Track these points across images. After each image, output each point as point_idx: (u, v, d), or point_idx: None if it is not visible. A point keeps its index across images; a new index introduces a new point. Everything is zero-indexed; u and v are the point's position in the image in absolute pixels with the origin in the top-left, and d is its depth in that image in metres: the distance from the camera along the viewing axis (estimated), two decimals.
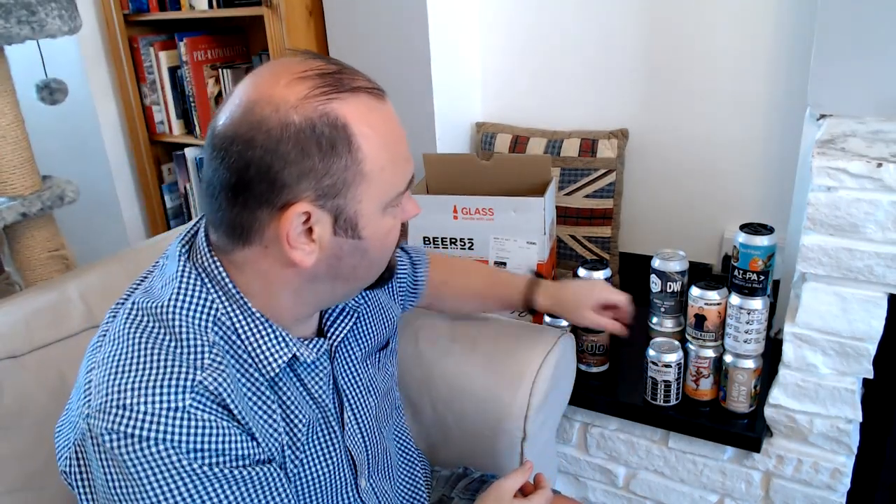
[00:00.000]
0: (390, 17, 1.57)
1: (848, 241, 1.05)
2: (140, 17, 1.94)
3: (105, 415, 0.60)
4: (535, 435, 1.09)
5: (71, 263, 1.40)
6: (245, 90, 0.63)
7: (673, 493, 1.38)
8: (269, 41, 1.69)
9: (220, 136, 0.62)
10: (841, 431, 1.18)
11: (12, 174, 1.29)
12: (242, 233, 0.64)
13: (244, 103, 0.62)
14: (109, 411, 0.60)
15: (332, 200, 0.63)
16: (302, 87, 0.61)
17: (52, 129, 2.05)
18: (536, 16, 1.65)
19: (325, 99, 0.61)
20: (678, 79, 1.54)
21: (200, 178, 0.65)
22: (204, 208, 0.68)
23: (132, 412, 0.59)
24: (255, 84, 0.63)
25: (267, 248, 0.65)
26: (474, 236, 1.37)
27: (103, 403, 0.60)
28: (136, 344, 0.64)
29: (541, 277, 1.13)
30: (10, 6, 1.15)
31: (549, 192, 1.34)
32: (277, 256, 0.65)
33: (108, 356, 0.64)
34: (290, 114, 0.60)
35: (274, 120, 0.60)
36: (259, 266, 0.66)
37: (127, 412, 0.59)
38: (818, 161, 1.03)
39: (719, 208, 1.59)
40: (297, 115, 0.60)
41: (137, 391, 0.60)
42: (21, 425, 0.96)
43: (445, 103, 1.65)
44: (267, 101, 0.61)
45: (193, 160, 2.05)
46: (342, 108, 0.62)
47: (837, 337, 1.11)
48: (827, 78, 1.20)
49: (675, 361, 1.23)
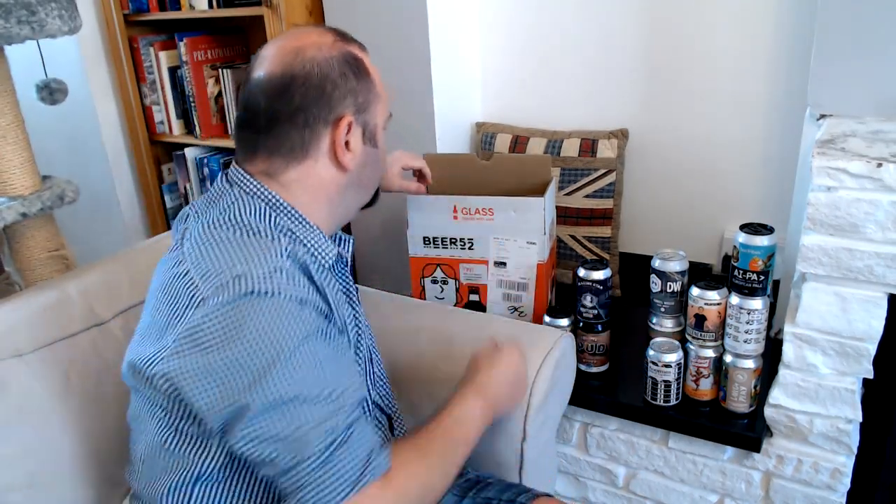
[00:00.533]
0: (390, 17, 1.57)
1: (848, 241, 1.05)
2: (140, 17, 1.94)
3: (224, 287, 0.71)
4: (535, 434, 1.09)
5: (71, 263, 1.40)
6: (283, 45, 0.81)
7: (673, 493, 1.38)
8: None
9: (277, 78, 0.79)
10: (841, 431, 1.18)
11: (12, 174, 1.29)
12: (302, 150, 0.81)
13: (291, 51, 0.80)
14: (228, 283, 0.71)
15: (363, 115, 0.84)
16: (328, 36, 0.83)
17: (52, 129, 2.05)
18: (536, 16, 1.66)
19: (344, 43, 0.83)
20: (678, 79, 1.54)
21: (243, 125, 0.84)
22: (247, 149, 0.83)
23: (247, 277, 0.71)
24: (291, 39, 0.82)
25: (317, 161, 0.82)
26: (474, 236, 1.37)
27: (220, 281, 0.72)
28: (225, 240, 0.76)
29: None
30: (10, 6, 1.15)
31: (549, 191, 1.34)
32: (324, 167, 0.83)
33: (199, 256, 0.76)
34: (331, 50, 0.81)
35: (321, 56, 0.80)
36: (306, 181, 0.83)
37: (243, 279, 0.71)
38: (818, 161, 1.03)
39: (719, 208, 1.59)
40: (335, 51, 0.81)
41: (245, 263, 0.73)
42: (26, 423, 0.96)
43: (445, 103, 1.65)
44: (310, 45, 0.80)
45: (193, 160, 2.05)
46: (356, 49, 0.85)
47: (837, 337, 1.11)
48: (827, 78, 1.20)
49: (675, 361, 1.23)
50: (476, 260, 1.39)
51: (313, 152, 0.82)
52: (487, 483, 1.01)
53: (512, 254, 1.36)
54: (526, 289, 1.38)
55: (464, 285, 1.42)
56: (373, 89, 0.85)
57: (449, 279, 1.42)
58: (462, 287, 1.43)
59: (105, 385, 1.06)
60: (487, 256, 1.38)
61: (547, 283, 1.40)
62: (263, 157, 0.82)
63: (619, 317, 1.51)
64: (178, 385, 0.72)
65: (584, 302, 1.33)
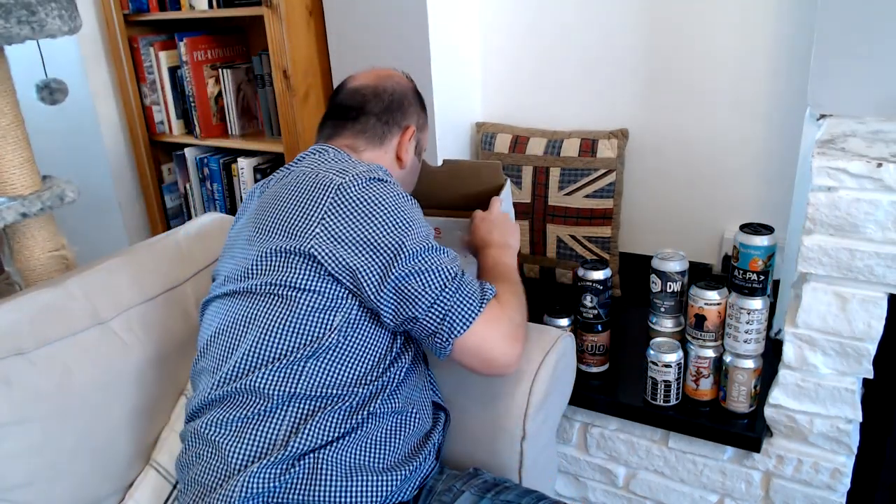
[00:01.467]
0: (390, 18, 1.57)
1: (848, 241, 1.05)
2: (140, 17, 1.94)
3: (358, 176, 0.92)
4: (534, 434, 1.09)
5: (71, 263, 1.40)
6: (378, 72, 1.11)
7: (673, 493, 1.38)
8: (269, 41, 1.69)
9: (373, 87, 1.08)
10: (841, 431, 1.18)
11: (12, 174, 1.29)
12: (380, 139, 1.06)
13: (385, 76, 1.10)
14: (360, 173, 0.93)
15: (419, 133, 1.12)
16: (406, 77, 1.15)
17: (52, 129, 2.05)
18: (536, 16, 1.66)
19: (415, 85, 1.15)
20: (678, 79, 1.54)
21: (334, 116, 1.09)
22: (334, 132, 1.07)
23: (372, 171, 0.94)
24: (383, 70, 1.12)
25: (387, 153, 1.07)
26: None
27: (352, 173, 0.92)
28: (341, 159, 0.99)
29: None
30: (10, 6, 1.15)
31: (503, 196, 1.28)
32: (390, 158, 1.08)
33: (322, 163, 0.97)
34: (409, 84, 1.13)
35: (403, 83, 1.12)
36: (377, 162, 1.04)
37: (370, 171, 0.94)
38: (818, 161, 1.03)
39: (719, 208, 1.59)
40: (411, 84, 1.14)
41: (365, 165, 0.96)
42: (28, 420, 0.96)
43: (445, 103, 1.65)
44: (397, 76, 1.12)
45: (193, 160, 2.05)
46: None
47: (837, 337, 1.12)
48: (827, 78, 1.20)
49: (675, 361, 1.23)
50: None
51: (386, 144, 1.07)
52: (505, 487, 1.01)
53: (469, 269, 1.32)
54: None
55: None
56: (427, 119, 1.15)
57: None
58: None
59: (107, 384, 1.06)
60: None
61: None
62: (350, 137, 1.05)
63: (619, 317, 1.51)
64: (329, 253, 0.88)
65: (584, 302, 1.33)
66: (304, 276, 0.89)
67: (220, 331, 0.96)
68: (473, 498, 0.99)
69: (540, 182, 1.62)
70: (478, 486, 1.00)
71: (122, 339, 1.09)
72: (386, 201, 0.91)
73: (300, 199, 0.92)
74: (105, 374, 1.06)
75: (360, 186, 0.91)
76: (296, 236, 0.90)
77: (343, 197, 0.90)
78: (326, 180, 0.92)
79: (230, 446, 0.88)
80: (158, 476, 1.08)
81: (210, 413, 0.92)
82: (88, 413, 1.03)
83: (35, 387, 0.98)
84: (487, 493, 0.99)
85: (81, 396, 1.02)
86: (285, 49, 1.67)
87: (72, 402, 1.01)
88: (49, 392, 0.99)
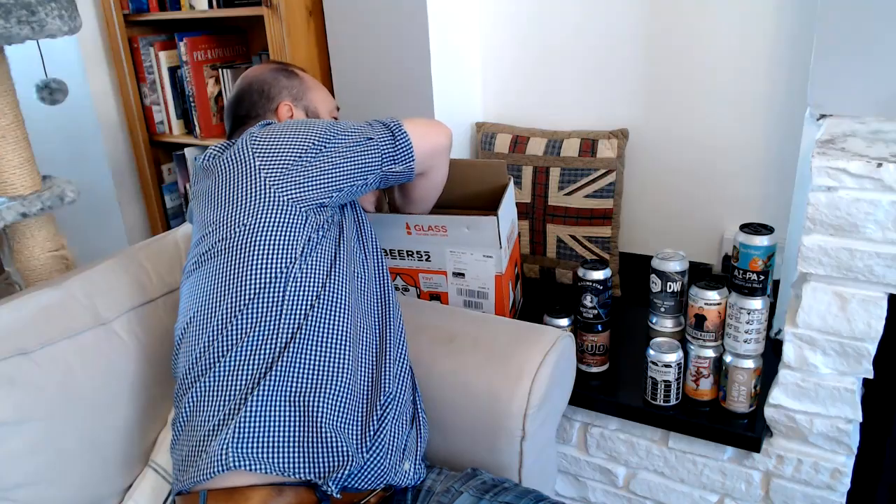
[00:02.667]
0: (390, 17, 1.57)
1: (848, 241, 1.05)
2: (140, 17, 1.94)
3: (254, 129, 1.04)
4: (534, 434, 1.09)
5: (71, 263, 1.40)
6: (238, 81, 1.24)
7: (673, 493, 1.38)
8: (269, 41, 1.69)
9: (236, 96, 1.21)
10: (841, 431, 1.18)
11: (12, 174, 1.29)
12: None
13: (240, 79, 1.23)
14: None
15: (299, 101, 1.21)
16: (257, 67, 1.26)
17: (52, 129, 2.05)
18: (536, 16, 1.66)
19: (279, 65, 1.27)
20: (678, 79, 1.54)
21: (232, 117, 1.24)
22: (232, 124, 1.23)
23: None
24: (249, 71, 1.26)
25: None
26: (430, 249, 1.35)
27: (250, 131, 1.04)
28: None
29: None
30: (10, 6, 1.15)
31: (505, 200, 1.32)
32: None
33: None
34: (262, 68, 1.23)
35: (255, 72, 1.23)
36: None
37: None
38: (818, 161, 1.03)
39: (719, 208, 1.59)
40: (266, 66, 1.24)
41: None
42: (32, 420, 0.96)
43: (445, 103, 1.65)
44: (250, 71, 1.24)
45: (193, 160, 2.04)
46: (288, 66, 1.27)
47: (837, 337, 1.11)
48: (827, 78, 1.20)
49: (675, 361, 1.23)
50: (434, 271, 1.38)
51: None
52: (504, 487, 1.01)
53: (469, 266, 1.33)
54: (486, 297, 1.37)
55: (425, 293, 1.42)
56: (303, 84, 1.23)
57: (410, 286, 1.42)
58: (423, 294, 1.42)
59: (108, 384, 1.06)
60: (445, 268, 1.37)
61: (508, 289, 1.39)
62: (251, 124, 1.17)
63: (619, 317, 1.51)
64: (282, 177, 0.97)
65: (584, 302, 1.33)
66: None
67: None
68: (472, 499, 0.98)
69: (540, 182, 1.62)
70: (476, 487, 1.00)
71: (124, 340, 1.10)
72: (285, 124, 1.03)
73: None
74: (106, 374, 1.06)
75: (261, 127, 1.03)
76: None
77: (256, 139, 1.00)
78: (236, 146, 1.01)
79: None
80: (157, 476, 1.09)
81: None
82: (89, 413, 1.03)
83: (38, 386, 0.98)
84: (486, 493, 0.99)
85: (83, 396, 1.02)
86: (285, 49, 1.67)
87: (73, 402, 1.01)
88: (51, 392, 0.99)
